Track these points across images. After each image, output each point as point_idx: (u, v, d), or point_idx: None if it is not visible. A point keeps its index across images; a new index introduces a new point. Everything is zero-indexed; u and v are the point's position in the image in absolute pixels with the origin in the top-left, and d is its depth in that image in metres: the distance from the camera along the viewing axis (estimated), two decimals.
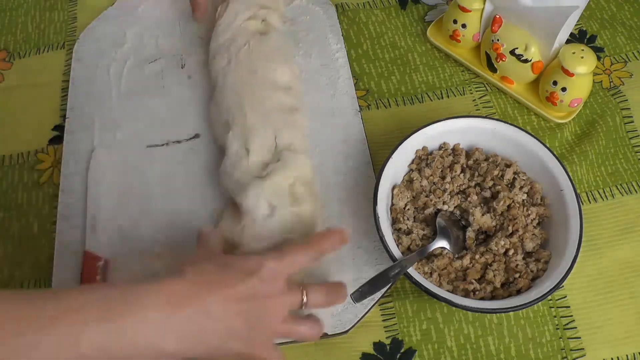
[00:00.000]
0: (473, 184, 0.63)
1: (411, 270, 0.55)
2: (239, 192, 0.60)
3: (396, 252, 0.56)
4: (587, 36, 0.78)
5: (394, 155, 0.61)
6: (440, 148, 0.65)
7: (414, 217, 0.61)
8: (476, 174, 0.63)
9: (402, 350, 0.58)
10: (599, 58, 0.75)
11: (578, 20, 0.70)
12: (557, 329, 0.58)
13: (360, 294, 0.54)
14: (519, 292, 0.56)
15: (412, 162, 0.64)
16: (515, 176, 0.62)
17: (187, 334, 0.45)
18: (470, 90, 0.73)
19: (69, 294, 0.43)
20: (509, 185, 0.62)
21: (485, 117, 0.65)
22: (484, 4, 0.69)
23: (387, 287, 0.59)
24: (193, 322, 0.45)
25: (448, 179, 0.62)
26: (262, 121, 0.64)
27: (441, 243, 0.58)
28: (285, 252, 0.50)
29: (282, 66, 0.69)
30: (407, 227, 0.60)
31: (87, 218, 0.64)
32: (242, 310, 0.47)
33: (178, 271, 0.47)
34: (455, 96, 0.73)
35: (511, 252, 0.58)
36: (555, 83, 0.66)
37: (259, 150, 0.62)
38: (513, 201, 0.60)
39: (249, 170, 0.61)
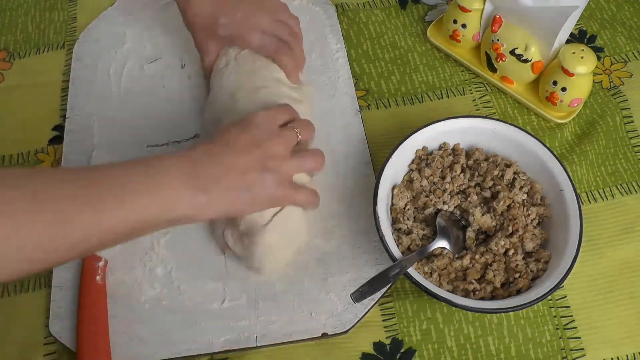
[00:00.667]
0: (473, 184, 0.63)
1: (411, 270, 0.55)
2: None
3: (396, 252, 0.56)
4: (587, 36, 0.78)
5: (394, 155, 0.61)
6: (440, 148, 0.65)
7: (414, 217, 0.61)
8: (476, 174, 0.63)
9: (402, 350, 0.58)
10: (599, 58, 0.75)
11: (578, 20, 0.70)
12: (557, 329, 0.58)
13: (360, 294, 0.54)
14: (519, 292, 0.56)
15: (412, 162, 0.64)
16: (515, 176, 0.62)
17: (212, 187, 0.50)
18: (470, 90, 0.73)
19: (104, 174, 0.47)
20: (509, 185, 0.62)
21: (485, 117, 0.65)
22: (484, 4, 0.69)
23: (387, 287, 0.59)
24: (215, 177, 0.50)
25: (448, 179, 0.62)
26: (254, 108, 0.62)
27: (441, 243, 0.58)
28: (270, 108, 0.58)
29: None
30: (407, 227, 0.60)
31: None
32: (253, 158, 0.52)
33: (190, 146, 0.53)
34: (455, 96, 0.73)
35: (511, 252, 0.58)
36: (555, 83, 0.66)
37: None
38: (513, 201, 0.60)
39: None
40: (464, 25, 0.72)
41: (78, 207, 0.44)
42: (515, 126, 0.63)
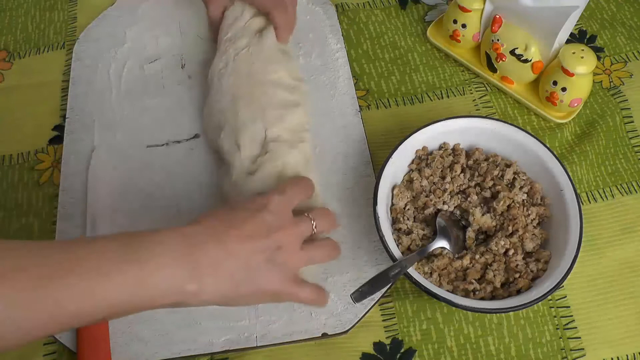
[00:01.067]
0: (473, 184, 0.63)
1: (411, 270, 0.55)
2: (235, 194, 0.60)
3: (396, 252, 0.56)
4: (587, 36, 0.78)
5: (394, 155, 0.61)
6: (440, 148, 0.65)
7: (414, 217, 0.61)
8: (476, 174, 0.63)
9: (402, 350, 0.58)
10: (599, 58, 0.75)
11: (578, 20, 0.70)
12: (557, 329, 0.58)
13: (360, 294, 0.54)
14: (519, 292, 0.56)
15: (412, 162, 0.64)
16: (515, 176, 0.62)
17: (209, 273, 0.45)
18: (470, 90, 0.73)
19: (81, 246, 0.43)
20: (509, 185, 0.62)
21: (485, 117, 0.65)
22: (484, 4, 0.69)
23: (387, 287, 0.59)
24: (214, 262, 0.45)
25: (448, 179, 0.62)
26: (253, 117, 0.63)
27: (441, 243, 0.58)
28: (284, 187, 0.53)
29: (282, 65, 0.69)
30: (407, 227, 0.60)
31: (87, 218, 0.64)
32: (260, 247, 0.47)
33: (191, 220, 0.48)
34: (455, 96, 0.73)
35: (511, 252, 0.58)
36: (555, 83, 0.66)
37: (248, 145, 0.62)
38: (513, 201, 0.60)
39: (242, 167, 0.61)
40: (464, 25, 0.72)
41: (48, 287, 0.39)
42: (515, 126, 0.63)
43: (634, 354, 0.57)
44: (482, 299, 0.56)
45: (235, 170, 0.61)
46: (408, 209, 0.62)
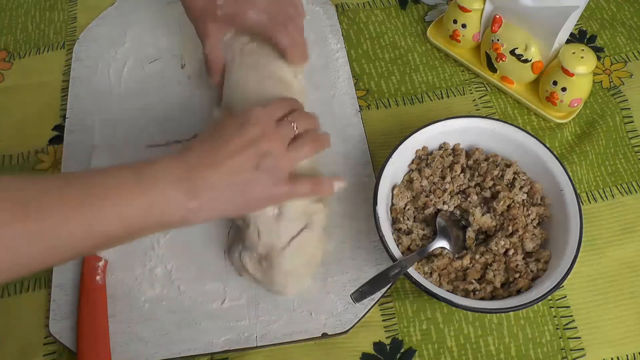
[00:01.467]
0: (473, 184, 0.63)
1: (411, 270, 0.55)
2: None
3: (396, 252, 0.56)
4: (587, 36, 0.78)
5: (394, 155, 0.61)
6: (440, 148, 0.65)
7: (414, 217, 0.61)
8: (476, 174, 0.63)
9: (402, 350, 0.58)
10: (599, 58, 0.75)
11: (578, 20, 0.70)
12: (557, 329, 0.58)
13: (360, 294, 0.54)
14: (519, 292, 0.56)
15: (412, 162, 0.64)
16: (515, 176, 0.62)
17: (206, 191, 0.49)
18: (470, 90, 0.73)
19: (98, 176, 0.47)
20: (509, 185, 0.62)
21: (485, 117, 0.65)
22: (484, 4, 0.69)
23: (387, 287, 0.59)
24: (209, 181, 0.49)
25: (448, 179, 0.62)
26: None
27: (441, 243, 0.58)
28: (267, 102, 0.56)
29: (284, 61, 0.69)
30: (407, 227, 0.60)
31: None
32: (246, 158, 0.50)
33: (186, 146, 0.51)
34: (455, 96, 0.73)
35: (511, 252, 0.58)
36: (555, 83, 0.66)
37: None
38: (513, 201, 0.60)
39: None
40: (464, 25, 0.72)
41: (67, 213, 0.43)
42: (515, 126, 0.63)
43: (634, 354, 0.57)
44: (482, 299, 0.56)
45: None
46: (408, 209, 0.62)
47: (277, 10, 0.65)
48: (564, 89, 0.66)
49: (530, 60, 0.68)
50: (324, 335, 0.57)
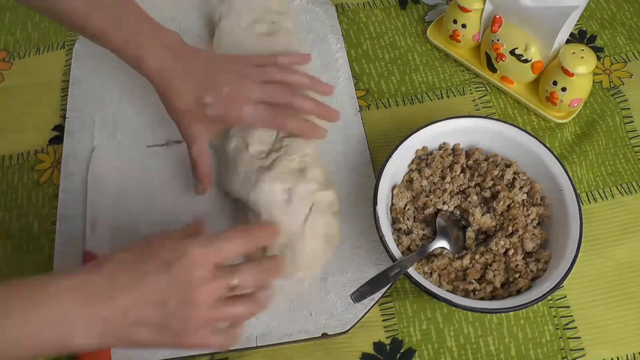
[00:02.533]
0: (473, 184, 0.63)
1: (411, 270, 0.55)
2: (250, 189, 0.59)
3: (396, 252, 0.56)
4: (587, 36, 0.78)
5: (394, 155, 0.61)
6: (440, 148, 0.65)
7: (414, 217, 0.61)
8: (476, 174, 0.63)
9: (402, 350, 0.58)
10: (599, 58, 0.75)
11: (578, 20, 0.70)
12: (557, 329, 0.58)
13: (360, 294, 0.54)
14: (519, 292, 0.56)
15: (412, 162, 0.64)
16: (515, 176, 0.62)
17: (100, 330, 0.43)
18: (470, 90, 0.73)
19: None
20: (509, 185, 0.62)
21: (485, 117, 0.65)
22: (484, 4, 0.69)
23: (387, 287, 0.59)
24: (106, 320, 0.43)
25: (448, 179, 0.62)
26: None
27: (441, 243, 0.58)
28: (215, 238, 0.47)
29: None
30: (407, 227, 0.60)
31: (87, 218, 0.64)
32: (158, 302, 0.44)
33: (96, 265, 0.45)
34: (455, 96, 0.73)
35: (511, 252, 0.58)
36: (555, 83, 0.66)
37: (257, 143, 0.62)
38: (513, 201, 0.60)
39: (252, 161, 0.61)
40: (464, 25, 0.72)
41: None
42: (515, 126, 0.63)
43: (634, 354, 0.57)
44: (482, 299, 0.56)
45: (244, 162, 0.61)
46: (408, 209, 0.62)
47: (272, 95, 0.59)
48: (564, 89, 0.66)
49: (530, 60, 0.68)
50: (324, 335, 0.57)
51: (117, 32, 0.58)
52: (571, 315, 0.59)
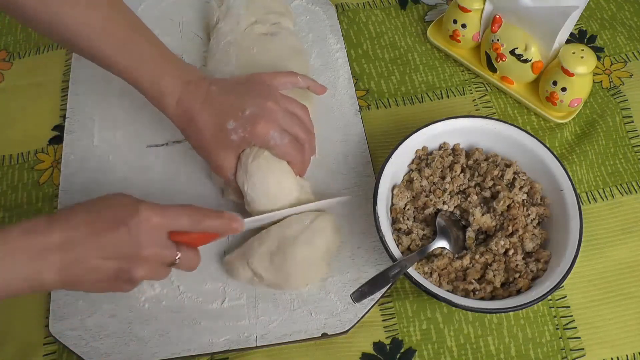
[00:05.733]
0: (473, 184, 0.63)
1: (411, 270, 0.55)
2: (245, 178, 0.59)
3: (396, 252, 0.56)
4: (587, 36, 0.78)
5: (394, 155, 0.61)
6: (440, 148, 0.65)
7: (414, 217, 0.61)
8: (476, 174, 0.63)
9: (402, 350, 0.58)
10: (599, 58, 0.75)
11: (578, 20, 0.70)
12: (557, 329, 0.58)
13: (360, 294, 0.54)
14: (519, 292, 0.56)
15: (412, 162, 0.64)
16: (515, 176, 0.62)
17: (62, 276, 0.47)
18: (470, 90, 0.73)
19: None
20: (509, 185, 0.62)
21: (485, 117, 0.65)
22: (484, 4, 0.69)
23: (387, 287, 0.59)
24: (65, 269, 0.46)
25: (448, 179, 0.62)
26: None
27: (441, 243, 0.58)
28: (169, 207, 0.50)
29: (294, 62, 0.69)
30: (407, 227, 0.60)
31: None
32: (110, 256, 0.48)
33: (51, 216, 0.48)
34: (455, 96, 0.73)
35: (511, 252, 0.58)
36: (555, 83, 0.66)
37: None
38: (513, 201, 0.60)
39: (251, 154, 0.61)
40: (464, 25, 0.72)
41: None
42: (515, 126, 0.63)
43: (634, 354, 0.57)
44: (482, 299, 0.56)
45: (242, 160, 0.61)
46: (408, 209, 0.62)
47: (295, 128, 0.59)
48: (564, 89, 0.66)
49: (530, 60, 0.68)
50: (324, 335, 0.57)
51: (137, 69, 0.59)
52: (571, 315, 0.59)
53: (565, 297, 0.60)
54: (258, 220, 0.58)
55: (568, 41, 0.68)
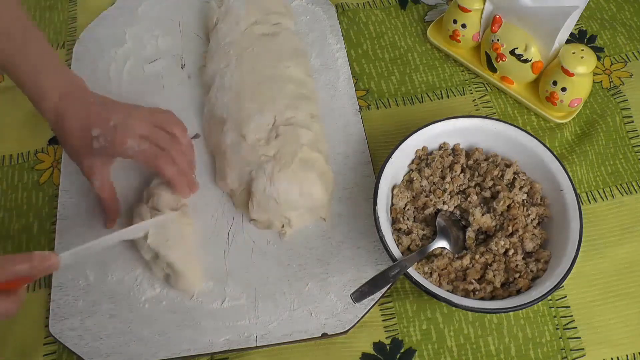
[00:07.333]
0: (473, 184, 0.63)
1: (411, 270, 0.55)
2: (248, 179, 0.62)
3: (396, 252, 0.56)
4: (587, 36, 0.78)
5: (394, 155, 0.61)
6: (440, 148, 0.65)
7: (414, 217, 0.61)
8: (476, 174, 0.63)
9: (402, 350, 0.58)
10: (599, 58, 0.75)
11: (578, 20, 0.70)
12: (557, 329, 0.58)
13: (360, 294, 0.54)
14: (519, 292, 0.56)
15: (412, 162, 0.64)
16: (515, 176, 0.62)
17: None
18: (470, 90, 0.73)
19: None
20: (509, 185, 0.62)
21: (485, 117, 0.65)
22: (484, 4, 0.69)
23: (387, 287, 0.59)
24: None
25: (448, 179, 0.62)
26: (259, 108, 0.65)
27: (441, 243, 0.58)
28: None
29: (294, 62, 0.70)
30: (407, 227, 0.60)
31: (87, 218, 0.64)
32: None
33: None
34: (455, 96, 0.73)
35: (511, 252, 0.58)
36: (555, 83, 0.66)
37: (253, 134, 0.64)
38: (513, 201, 0.60)
39: (252, 150, 0.63)
40: (464, 25, 0.72)
41: None
42: (515, 126, 0.63)
43: (634, 354, 0.57)
44: (482, 299, 0.56)
45: (240, 153, 0.63)
46: (408, 209, 0.62)
47: (158, 135, 0.60)
48: (564, 89, 0.66)
49: (530, 60, 0.68)
50: (324, 335, 0.57)
51: (21, 66, 0.59)
52: (571, 315, 0.59)
53: (565, 297, 0.60)
54: (76, 252, 0.53)
55: (568, 41, 0.68)
